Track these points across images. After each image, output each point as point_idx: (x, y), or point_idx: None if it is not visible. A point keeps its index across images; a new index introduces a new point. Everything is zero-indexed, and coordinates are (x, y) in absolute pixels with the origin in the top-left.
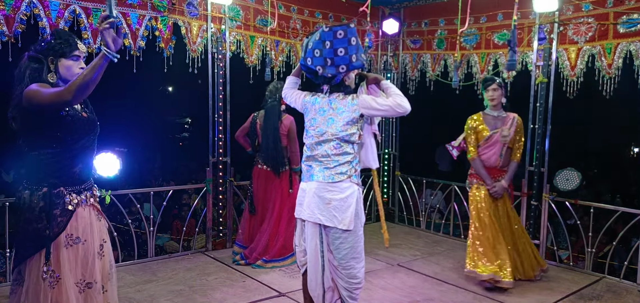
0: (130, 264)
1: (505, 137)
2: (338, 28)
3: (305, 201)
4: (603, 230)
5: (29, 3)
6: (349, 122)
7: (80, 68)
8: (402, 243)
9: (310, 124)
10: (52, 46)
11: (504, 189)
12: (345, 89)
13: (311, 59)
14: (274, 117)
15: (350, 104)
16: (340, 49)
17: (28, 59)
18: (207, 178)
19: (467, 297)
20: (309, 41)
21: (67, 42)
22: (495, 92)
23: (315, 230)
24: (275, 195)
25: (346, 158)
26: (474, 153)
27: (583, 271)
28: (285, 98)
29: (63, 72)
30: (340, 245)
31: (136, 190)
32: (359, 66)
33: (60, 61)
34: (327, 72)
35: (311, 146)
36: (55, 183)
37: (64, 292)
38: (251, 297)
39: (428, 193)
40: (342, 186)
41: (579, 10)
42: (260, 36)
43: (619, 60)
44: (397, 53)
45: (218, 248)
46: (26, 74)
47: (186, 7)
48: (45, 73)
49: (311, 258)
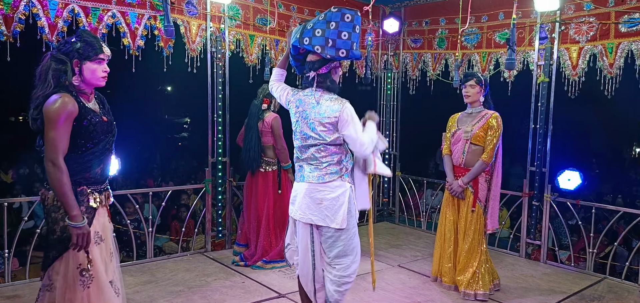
0: (129, 265)
1: (466, 133)
2: (347, 11)
3: (297, 202)
4: (604, 231)
5: (28, 2)
6: (331, 127)
7: (104, 71)
8: (403, 244)
9: (295, 127)
10: (77, 48)
11: (460, 188)
12: (331, 83)
13: (309, 38)
14: (254, 116)
15: (332, 109)
16: (345, 32)
17: (51, 59)
18: (206, 179)
19: (467, 299)
20: (306, 23)
21: (93, 45)
22: (472, 89)
23: (307, 230)
24: (263, 196)
25: (335, 157)
26: (446, 149)
27: (584, 272)
28: (271, 90)
29: (87, 75)
30: (333, 244)
31: (135, 190)
32: (358, 57)
33: (85, 63)
34: (325, 53)
35: (299, 149)
36: (79, 182)
37: (102, 289)
38: (250, 298)
39: (429, 193)
40: (333, 186)
41: (581, 10)
42: (260, 35)
43: (620, 59)
44: (397, 52)
45: (217, 249)
46: (49, 75)
47: (185, 6)
48: (69, 75)
49: (302, 256)
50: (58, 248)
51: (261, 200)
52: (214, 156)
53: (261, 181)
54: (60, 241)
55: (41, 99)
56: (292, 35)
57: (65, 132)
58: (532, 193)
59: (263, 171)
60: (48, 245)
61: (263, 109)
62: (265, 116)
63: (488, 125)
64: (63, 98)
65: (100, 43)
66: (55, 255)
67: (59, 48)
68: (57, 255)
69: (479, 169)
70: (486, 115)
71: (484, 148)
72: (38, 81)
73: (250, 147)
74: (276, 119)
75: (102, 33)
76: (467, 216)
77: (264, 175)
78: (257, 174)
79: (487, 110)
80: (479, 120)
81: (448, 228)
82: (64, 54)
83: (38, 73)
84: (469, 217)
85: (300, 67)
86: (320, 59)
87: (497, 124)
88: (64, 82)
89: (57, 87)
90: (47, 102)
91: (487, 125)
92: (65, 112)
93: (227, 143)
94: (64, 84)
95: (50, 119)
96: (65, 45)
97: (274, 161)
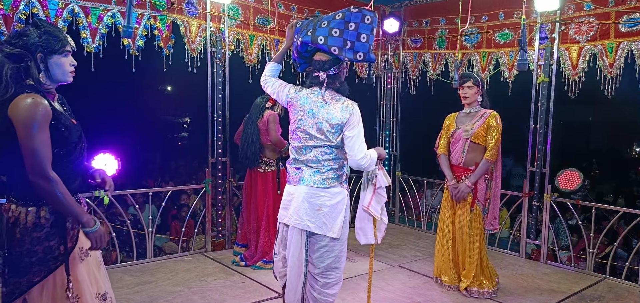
0: (129, 265)
1: (467, 132)
2: (367, 12)
3: (292, 206)
4: (604, 231)
5: (28, 2)
6: (338, 130)
7: (71, 65)
8: (403, 244)
9: (297, 126)
10: (41, 41)
11: (468, 188)
12: (340, 85)
13: (325, 38)
14: (256, 113)
15: (341, 110)
16: (364, 34)
17: (5, 57)
18: (206, 179)
19: (467, 299)
20: (318, 21)
21: (57, 36)
22: (470, 90)
23: (301, 237)
24: (263, 196)
25: (338, 162)
26: (441, 149)
27: (584, 272)
28: (264, 86)
29: (55, 70)
30: (325, 254)
31: (135, 190)
32: (373, 60)
33: (51, 57)
34: (343, 55)
35: (298, 149)
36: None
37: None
38: (250, 298)
39: (429, 193)
40: (333, 192)
41: (581, 10)
42: (260, 35)
43: (620, 59)
44: (397, 52)
45: (217, 249)
46: (7, 74)
47: (185, 6)
48: (35, 72)
49: (292, 266)
50: (39, 272)
51: (261, 201)
52: (214, 156)
53: (260, 181)
54: (43, 263)
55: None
56: (299, 29)
57: (46, 138)
58: (532, 193)
59: (262, 171)
60: (18, 271)
61: (267, 107)
62: (265, 114)
63: (488, 124)
64: (34, 99)
65: (64, 33)
66: (35, 280)
67: (11, 41)
68: (37, 281)
69: (484, 169)
70: (485, 114)
71: (484, 146)
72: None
73: (249, 142)
74: (272, 115)
75: (102, 33)
76: (464, 216)
77: (263, 175)
78: (256, 174)
79: (485, 109)
80: (479, 119)
81: (446, 228)
82: (23, 48)
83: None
84: (468, 216)
85: (304, 65)
86: (332, 59)
87: (496, 124)
88: (27, 81)
89: (19, 88)
90: (13, 108)
91: (486, 124)
92: (41, 114)
93: (227, 143)
94: (27, 83)
95: (26, 125)
96: (21, 37)
97: (273, 161)
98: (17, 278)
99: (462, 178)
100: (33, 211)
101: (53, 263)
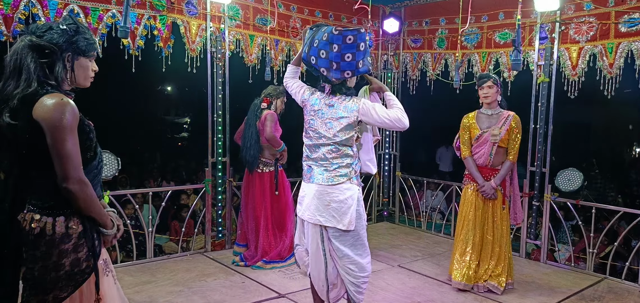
0: (129, 265)
1: (495, 136)
2: (348, 32)
3: (304, 203)
4: (604, 231)
5: (28, 3)
6: (347, 127)
7: (93, 70)
8: (403, 244)
9: (308, 125)
10: (74, 39)
11: (493, 189)
12: (346, 90)
13: (315, 58)
14: (253, 115)
15: (350, 108)
16: (348, 54)
17: (28, 47)
18: (206, 179)
19: (467, 298)
20: (313, 38)
21: (90, 39)
22: (490, 90)
23: (316, 230)
24: (261, 197)
25: (346, 160)
26: (466, 151)
27: (584, 272)
28: (286, 86)
29: (79, 72)
30: (341, 244)
31: (135, 190)
32: (365, 71)
33: (78, 58)
34: (331, 76)
35: (310, 148)
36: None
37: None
38: (251, 298)
39: (429, 193)
40: (342, 188)
41: (581, 10)
42: (260, 35)
43: (620, 59)
44: (397, 52)
45: (217, 249)
46: (30, 67)
47: (185, 6)
48: (61, 71)
49: (313, 256)
50: (67, 287)
51: (259, 201)
52: (214, 156)
53: (258, 182)
54: (71, 277)
55: (19, 100)
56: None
57: (77, 141)
58: (532, 193)
59: (260, 171)
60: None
61: (262, 108)
62: (262, 114)
63: (511, 127)
64: (63, 99)
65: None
66: (62, 296)
67: (38, 34)
68: (64, 297)
69: (507, 170)
70: (508, 117)
71: (506, 148)
72: (10, 72)
73: (249, 145)
74: (270, 113)
75: (101, 33)
76: (496, 214)
77: (261, 176)
78: (255, 175)
79: (505, 111)
80: (504, 123)
81: (470, 227)
82: (53, 43)
83: (8, 63)
84: (500, 214)
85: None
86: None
87: (518, 126)
88: (50, 81)
89: (43, 85)
90: (42, 109)
91: (510, 127)
92: (73, 116)
93: (227, 143)
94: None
95: (58, 128)
96: (50, 31)
97: (271, 162)
98: (42, 296)
99: (490, 178)
100: (61, 221)
101: (80, 277)
